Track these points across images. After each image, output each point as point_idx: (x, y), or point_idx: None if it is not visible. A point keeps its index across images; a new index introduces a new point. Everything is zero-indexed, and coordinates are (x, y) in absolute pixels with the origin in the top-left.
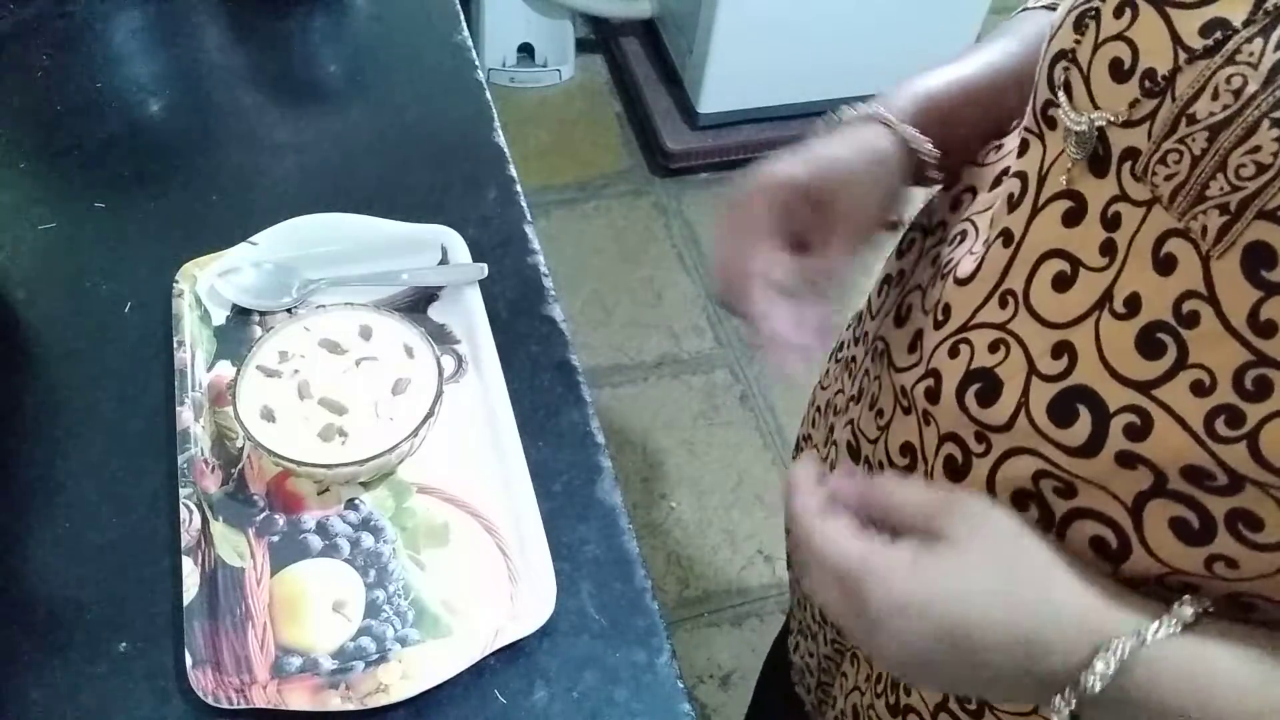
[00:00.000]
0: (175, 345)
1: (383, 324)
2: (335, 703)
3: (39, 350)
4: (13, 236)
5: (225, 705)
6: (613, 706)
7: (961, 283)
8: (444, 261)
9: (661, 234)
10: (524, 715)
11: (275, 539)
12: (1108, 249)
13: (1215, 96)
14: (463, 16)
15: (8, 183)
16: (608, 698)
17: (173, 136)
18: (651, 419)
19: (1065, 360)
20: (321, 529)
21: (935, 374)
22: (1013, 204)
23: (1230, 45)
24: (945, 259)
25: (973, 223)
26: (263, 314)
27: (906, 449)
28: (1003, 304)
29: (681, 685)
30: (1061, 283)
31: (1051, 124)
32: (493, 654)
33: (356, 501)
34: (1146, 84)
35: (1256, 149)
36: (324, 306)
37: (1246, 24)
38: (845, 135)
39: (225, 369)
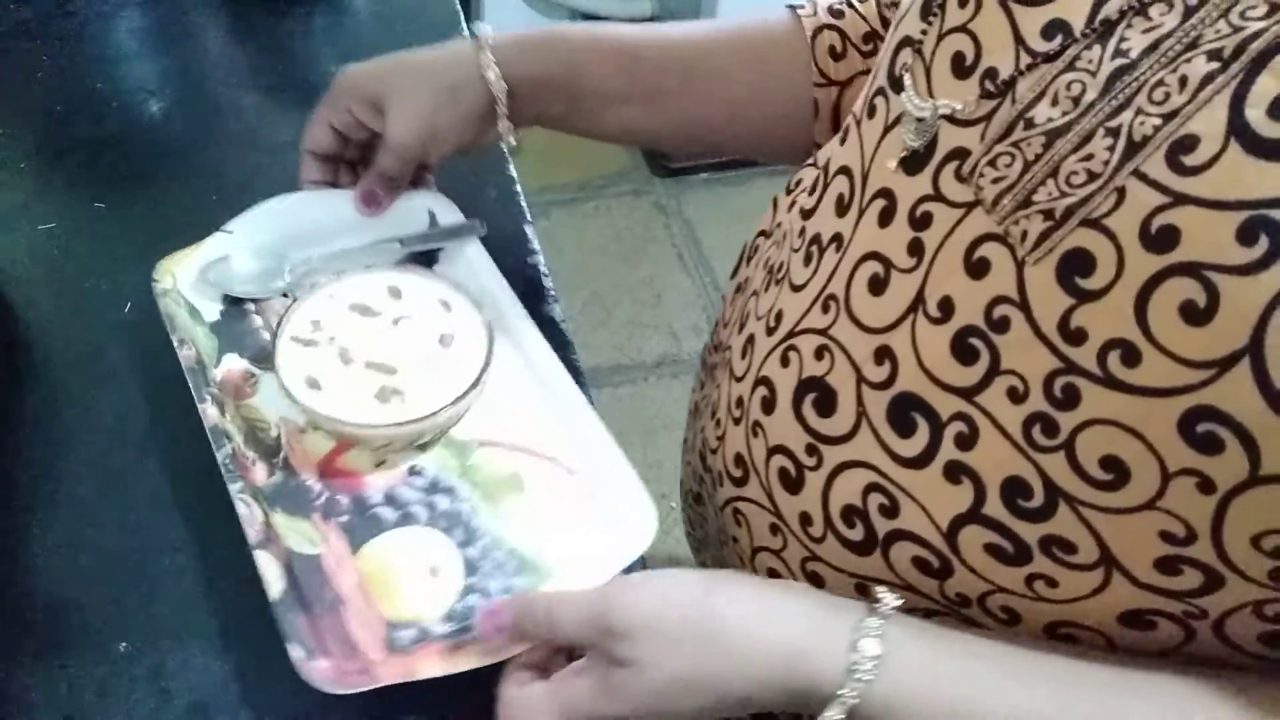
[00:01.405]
0: (176, 345)
1: (411, 282)
2: (472, 660)
3: (39, 350)
4: (13, 236)
5: (351, 690)
6: None
7: (796, 289)
8: (433, 227)
9: (661, 234)
10: None
11: (344, 519)
12: (915, 249)
13: (1055, 102)
14: (463, 16)
15: (8, 183)
16: None
17: (173, 136)
18: (651, 419)
19: (888, 367)
20: (391, 500)
21: (768, 383)
22: (843, 206)
23: (1070, 51)
24: (776, 262)
25: (789, 217)
26: (257, 302)
27: (739, 461)
28: (825, 309)
29: None
30: (876, 285)
31: (871, 111)
32: None
33: (418, 468)
34: (987, 84)
35: (1089, 157)
36: (343, 273)
37: (1085, 32)
38: (441, 50)
39: (233, 363)
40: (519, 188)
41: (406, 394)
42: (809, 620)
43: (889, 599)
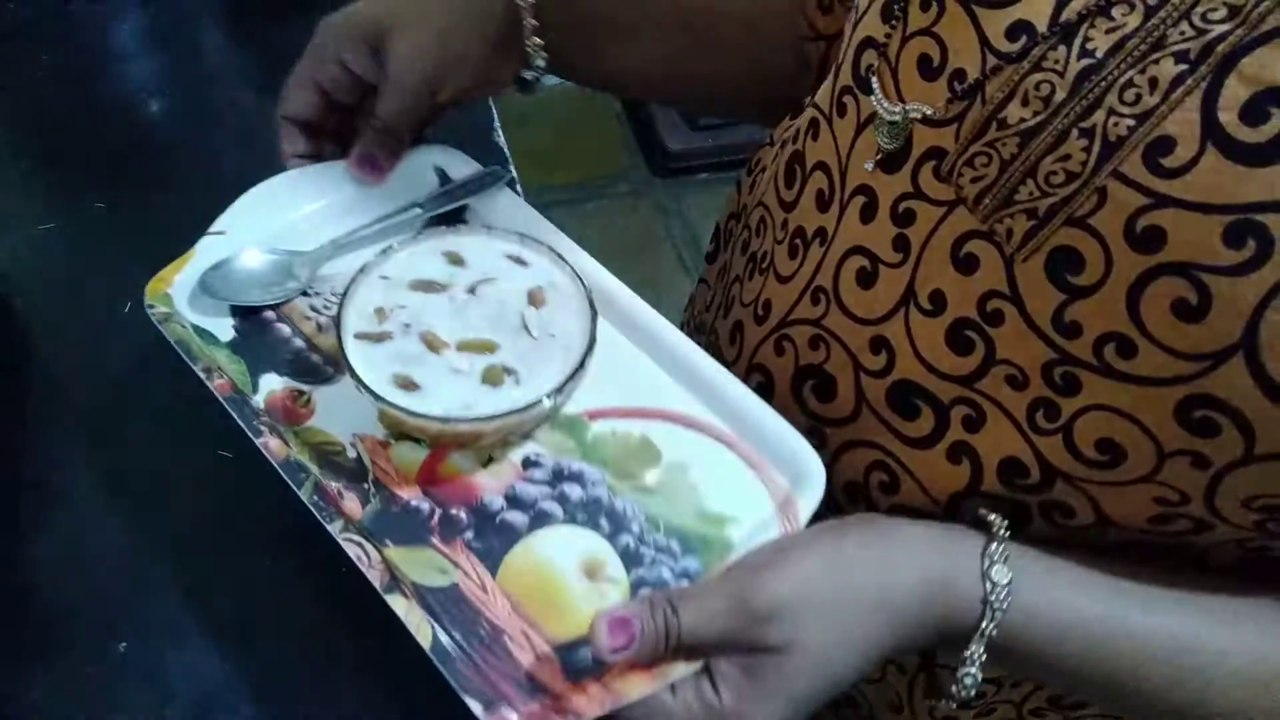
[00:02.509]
0: (204, 376)
1: (470, 243)
2: (680, 669)
3: (39, 350)
4: (13, 236)
5: None
6: None
7: (782, 280)
8: (446, 183)
9: (661, 234)
10: None
11: (470, 536)
12: (900, 245)
13: (1025, 102)
14: None
15: (8, 183)
16: None
17: (173, 136)
18: None
19: (885, 356)
20: (516, 502)
21: (764, 370)
22: (824, 201)
23: (1036, 51)
24: (756, 250)
25: (765, 206)
26: (276, 307)
27: None
28: (815, 300)
29: None
30: (864, 278)
31: (841, 110)
32: None
33: (532, 457)
34: (955, 85)
35: (1066, 157)
36: (391, 247)
37: (1048, 33)
38: None
39: (273, 383)
40: (519, 188)
41: (521, 370)
42: (937, 551)
43: (998, 519)
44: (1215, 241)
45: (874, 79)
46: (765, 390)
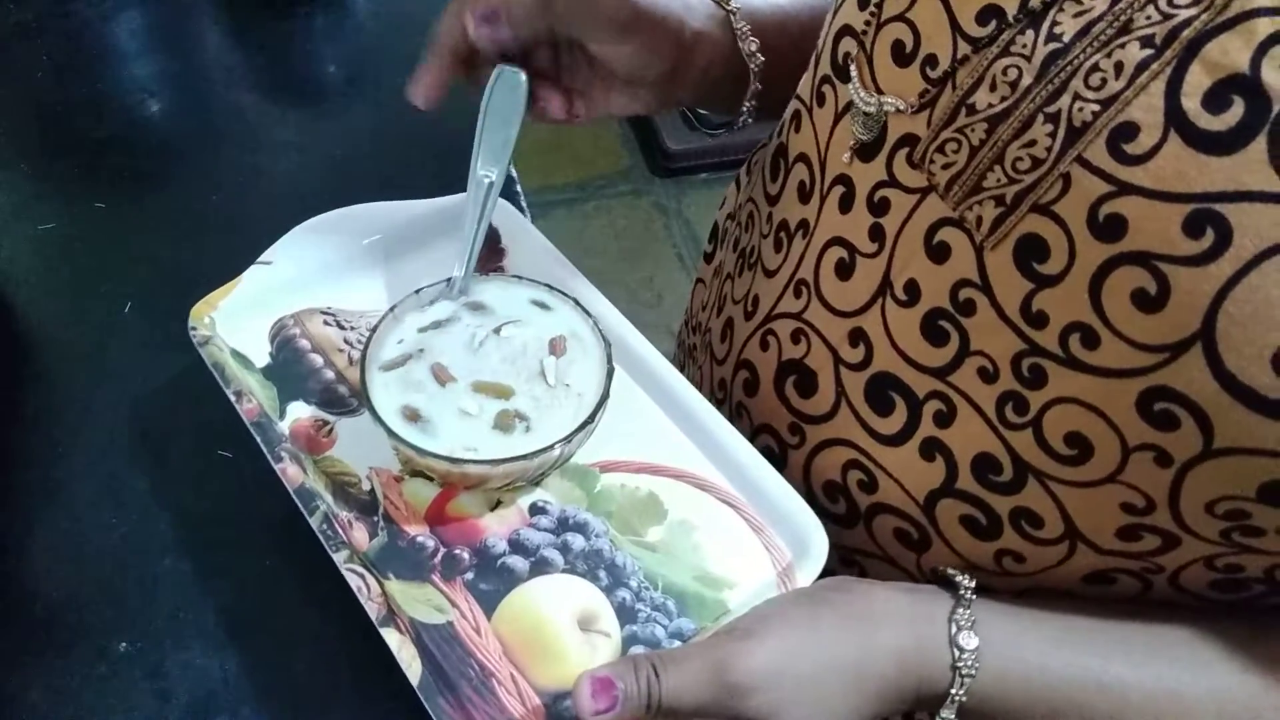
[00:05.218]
0: (234, 399)
1: (495, 288)
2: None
3: (39, 350)
4: (13, 236)
5: None
6: None
7: (769, 274)
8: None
9: (661, 234)
10: None
11: (470, 577)
12: (876, 234)
13: (993, 88)
14: None
15: (8, 183)
16: None
17: (173, 136)
18: None
19: (863, 348)
20: (519, 547)
21: (749, 366)
22: (805, 193)
23: (1005, 36)
24: (745, 245)
25: (753, 201)
26: (311, 337)
27: None
28: (797, 293)
29: None
30: (843, 270)
31: (821, 100)
32: None
33: (540, 504)
34: (927, 70)
35: (1032, 143)
36: (418, 291)
37: (1018, 16)
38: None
39: (300, 411)
40: (519, 188)
41: (533, 417)
42: (910, 619)
43: (965, 580)
44: (1175, 231)
45: (852, 67)
46: (749, 387)
